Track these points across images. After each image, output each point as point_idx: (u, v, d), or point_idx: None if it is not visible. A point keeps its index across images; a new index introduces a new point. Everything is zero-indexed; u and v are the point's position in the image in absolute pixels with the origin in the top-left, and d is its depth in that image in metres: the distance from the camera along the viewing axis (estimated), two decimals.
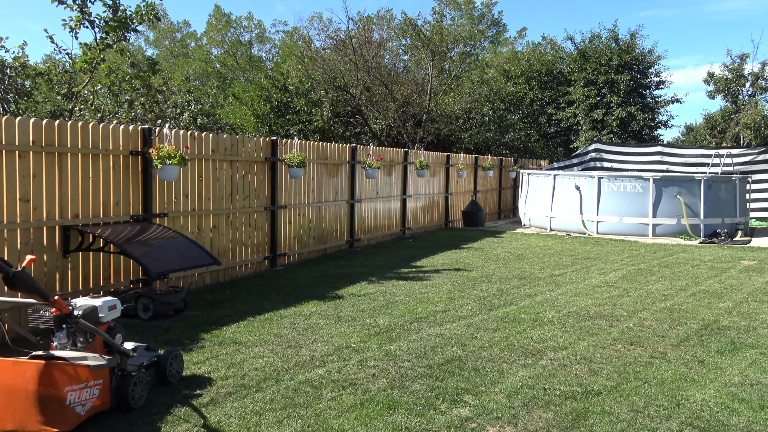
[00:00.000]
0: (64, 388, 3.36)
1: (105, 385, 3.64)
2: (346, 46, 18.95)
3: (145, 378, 3.90)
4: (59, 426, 3.33)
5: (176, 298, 6.00)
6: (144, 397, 3.83)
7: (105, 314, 3.83)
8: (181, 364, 4.28)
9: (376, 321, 5.81)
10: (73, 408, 3.41)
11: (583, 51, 22.62)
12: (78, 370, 3.46)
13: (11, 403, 3.33)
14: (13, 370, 3.35)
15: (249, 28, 38.50)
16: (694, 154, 17.86)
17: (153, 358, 4.11)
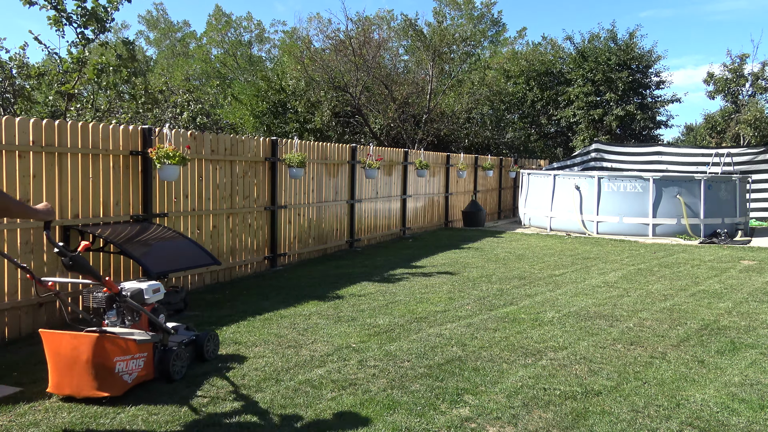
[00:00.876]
0: (113, 358, 3.86)
1: (149, 358, 4.13)
2: (346, 47, 18.95)
3: (185, 354, 4.37)
4: (109, 391, 3.84)
5: (176, 298, 5.99)
6: (184, 370, 4.32)
7: (150, 296, 4.36)
8: (217, 343, 4.76)
9: (376, 321, 5.81)
10: (121, 376, 3.92)
11: (583, 51, 22.63)
12: (126, 343, 3.95)
13: (69, 371, 3.86)
14: (72, 343, 3.85)
15: (249, 28, 38.51)
16: (694, 154, 17.86)
17: (192, 336, 4.59)
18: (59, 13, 8.43)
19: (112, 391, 3.86)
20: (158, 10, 40.66)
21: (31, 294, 5.42)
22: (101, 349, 3.83)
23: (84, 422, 3.54)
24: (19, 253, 5.31)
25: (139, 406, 3.78)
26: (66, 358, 3.87)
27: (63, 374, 3.88)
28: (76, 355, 3.85)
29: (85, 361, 3.83)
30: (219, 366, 4.52)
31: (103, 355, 3.83)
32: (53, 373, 3.90)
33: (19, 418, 3.60)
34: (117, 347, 3.90)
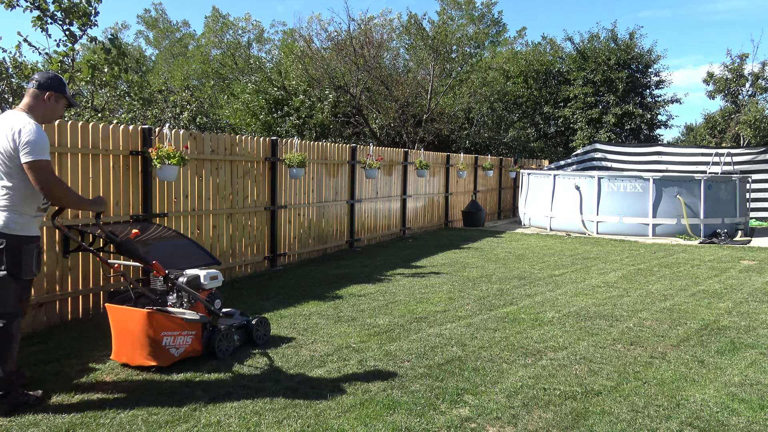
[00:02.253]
0: (160, 333, 4.35)
1: (197, 336, 4.59)
2: (347, 47, 18.95)
3: (232, 335, 4.81)
4: (157, 361, 4.34)
5: None
6: (230, 350, 4.74)
7: (207, 282, 4.79)
8: (267, 329, 5.15)
9: (376, 321, 5.81)
10: (167, 349, 4.40)
11: (582, 51, 22.64)
12: (174, 321, 4.42)
13: (125, 341, 4.43)
14: (128, 317, 4.40)
15: (247, 29, 38.49)
16: (694, 154, 17.85)
17: (243, 321, 5.00)
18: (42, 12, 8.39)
19: (159, 362, 4.36)
20: (157, 10, 40.62)
21: (32, 292, 5.42)
22: (150, 323, 4.33)
23: (84, 422, 3.54)
24: None
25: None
26: (124, 330, 4.44)
27: (120, 344, 4.48)
28: (130, 327, 4.40)
29: (137, 333, 4.37)
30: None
31: (151, 329, 4.33)
32: (114, 343, 4.51)
33: (18, 418, 3.60)
34: (165, 323, 4.38)
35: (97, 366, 4.48)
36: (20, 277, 3.66)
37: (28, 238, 3.68)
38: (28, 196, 3.66)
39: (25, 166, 3.57)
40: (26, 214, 3.68)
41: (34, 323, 5.48)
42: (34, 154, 3.57)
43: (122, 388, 4.06)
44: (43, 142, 3.62)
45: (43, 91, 3.82)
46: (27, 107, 3.80)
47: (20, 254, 3.64)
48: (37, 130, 3.63)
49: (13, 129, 3.61)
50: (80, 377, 4.24)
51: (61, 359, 4.64)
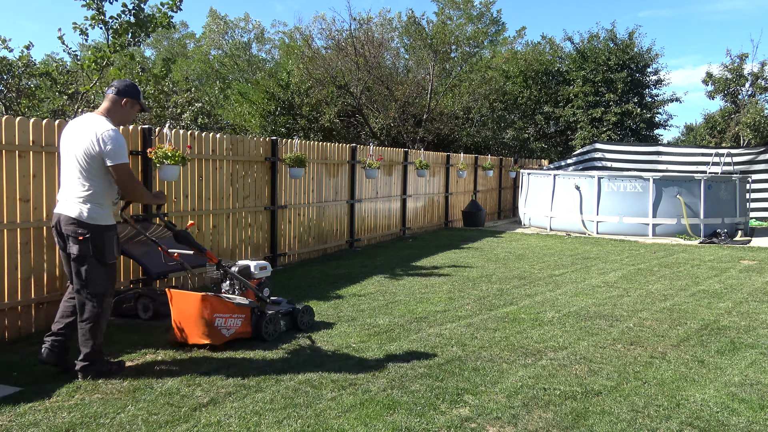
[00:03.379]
0: (212, 315, 4.83)
1: (246, 319, 5.06)
2: (348, 46, 18.94)
3: (278, 320, 5.26)
4: (210, 340, 4.84)
5: None
6: (276, 333, 5.19)
7: (257, 272, 5.34)
8: (312, 317, 5.62)
9: (376, 321, 5.81)
10: (219, 330, 4.88)
11: (582, 51, 22.62)
12: (225, 304, 4.92)
13: (184, 321, 4.91)
14: (186, 300, 4.90)
15: (246, 29, 38.47)
16: (694, 154, 17.85)
17: (290, 308, 5.46)
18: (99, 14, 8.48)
19: (212, 341, 4.85)
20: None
21: (31, 294, 5.43)
22: (204, 306, 4.81)
23: (84, 422, 3.54)
24: (18, 252, 5.31)
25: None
26: (181, 312, 4.92)
27: (179, 323, 4.95)
28: (187, 309, 4.88)
29: (193, 314, 4.86)
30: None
31: (205, 311, 4.81)
32: (174, 323, 4.98)
33: (19, 418, 3.60)
34: (217, 306, 4.87)
35: None
36: (105, 261, 4.15)
37: (108, 227, 4.18)
38: (106, 190, 4.15)
39: (110, 168, 4.08)
40: (105, 205, 4.18)
41: (35, 323, 5.48)
42: (117, 159, 4.07)
43: (121, 389, 4.06)
44: (123, 146, 4.11)
45: (121, 97, 4.26)
46: (106, 111, 4.24)
47: (103, 241, 4.13)
48: (117, 135, 4.10)
49: (96, 133, 4.05)
50: (80, 377, 4.23)
51: None
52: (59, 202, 4.19)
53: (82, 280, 4.12)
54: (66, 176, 4.17)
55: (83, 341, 4.16)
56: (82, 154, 4.06)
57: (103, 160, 4.05)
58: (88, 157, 4.05)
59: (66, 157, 4.18)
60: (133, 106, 4.33)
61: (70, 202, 4.11)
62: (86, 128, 4.10)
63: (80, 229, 4.06)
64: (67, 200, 4.14)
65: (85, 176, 4.08)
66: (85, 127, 4.11)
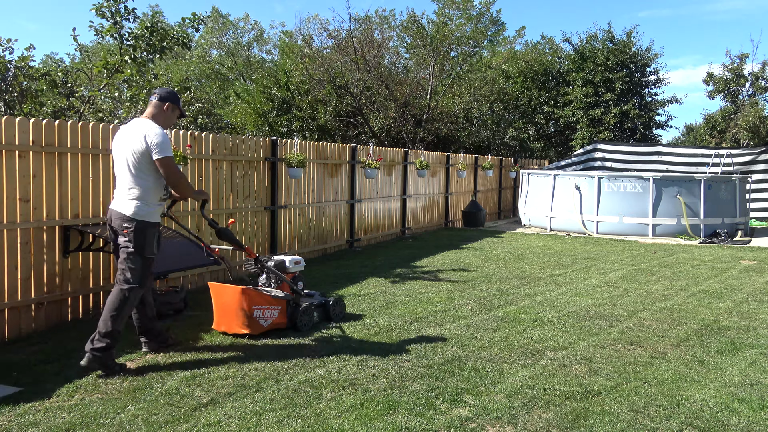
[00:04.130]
0: (251, 306, 5.14)
1: (282, 311, 5.39)
2: (347, 46, 18.94)
3: (312, 312, 5.54)
4: (249, 329, 5.16)
5: (176, 298, 6.00)
6: (310, 324, 5.49)
7: (291, 266, 5.72)
8: (342, 308, 5.90)
9: (376, 321, 5.81)
10: (257, 320, 5.19)
11: (581, 51, 22.60)
12: (263, 296, 5.24)
13: (225, 313, 5.25)
14: (226, 292, 5.21)
15: (246, 29, 38.45)
16: (694, 154, 17.85)
17: (322, 301, 5.76)
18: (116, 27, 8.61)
19: (251, 330, 5.17)
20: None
21: (31, 294, 5.43)
22: (243, 298, 5.11)
23: (84, 422, 3.54)
24: (18, 252, 5.31)
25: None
26: (222, 304, 5.25)
27: (220, 315, 5.30)
28: (228, 301, 5.20)
29: (233, 306, 5.17)
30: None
31: (244, 303, 5.11)
32: (216, 315, 5.34)
33: (19, 418, 3.60)
34: (256, 298, 5.18)
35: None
36: (144, 255, 4.45)
37: (152, 223, 4.51)
38: (153, 188, 4.49)
39: (156, 162, 4.40)
40: (152, 203, 4.50)
41: (35, 323, 5.48)
42: (163, 152, 4.40)
43: (121, 389, 4.06)
44: (168, 142, 4.45)
45: (164, 103, 4.65)
46: (151, 115, 4.63)
47: (145, 236, 4.45)
48: (162, 133, 4.46)
49: (144, 133, 4.42)
50: (80, 377, 4.24)
51: (61, 359, 4.65)
52: (113, 200, 4.59)
53: (123, 270, 4.45)
54: (119, 176, 4.56)
55: (102, 323, 4.36)
56: (132, 153, 4.43)
57: (150, 156, 4.40)
58: (138, 155, 4.41)
59: (118, 159, 4.56)
60: (173, 110, 4.71)
61: (122, 199, 4.50)
62: (135, 130, 4.49)
63: (126, 223, 4.43)
64: (119, 197, 4.52)
65: (135, 174, 4.45)
66: (134, 130, 4.50)
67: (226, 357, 4.71)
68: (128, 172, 4.47)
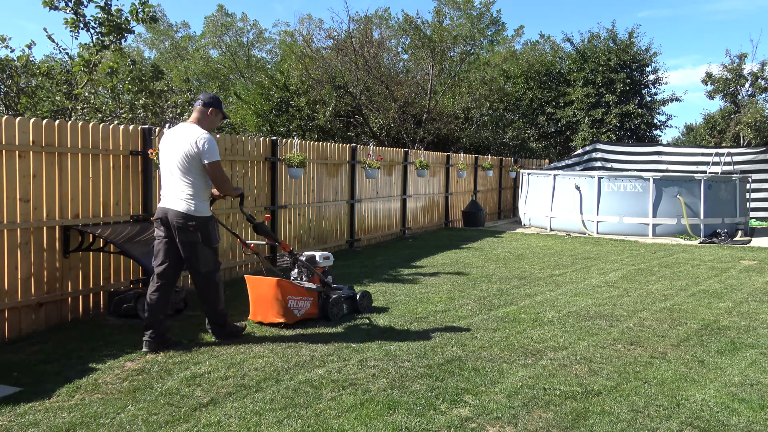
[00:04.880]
0: (286, 297, 5.52)
1: (314, 302, 5.74)
2: (347, 46, 18.93)
3: (341, 303, 5.91)
4: (284, 318, 5.52)
5: (176, 298, 6.00)
6: (339, 315, 5.86)
7: (321, 261, 6.12)
8: (369, 301, 6.26)
9: (376, 321, 5.80)
10: (292, 310, 5.56)
11: (582, 51, 22.59)
12: (296, 288, 5.61)
13: (261, 303, 5.61)
14: (262, 284, 5.57)
15: (245, 29, 38.45)
16: (694, 154, 17.85)
17: (351, 293, 6.11)
18: (78, 17, 8.52)
19: (286, 319, 5.52)
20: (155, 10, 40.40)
21: (31, 293, 5.43)
22: (278, 289, 5.48)
23: (84, 422, 3.54)
24: (18, 252, 5.31)
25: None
26: (258, 295, 5.61)
27: (256, 306, 5.66)
28: (263, 293, 5.56)
29: (268, 297, 5.53)
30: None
31: (279, 294, 5.49)
32: (252, 306, 5.70)
33: (19, 418, 3.60)
34: (290, 289, 5.55)
35: (98, 366, 4.48)
36: (211, 245, 4.97)
37: (209, 217, 4.98)
38: (203, 187, 4.93)
39: (206, 165, 4.83)
40: (204, 199, 4.95)
41: (34, 323, 5.48)
42: (212, 158, 4.84)
43: (121, 389, 4.06)
44: (216, 147, 4.88)
45: (207, 108, 5.02)
46: (196, 120, 5.00)
47: (207, 229, 4.94)
48: (211, 138, 4.86)
49: (195, 138, 4.82)
50: (80, 377, 4.24)
51: (61, 359, 4.65)
52: (164, 199, 4.94)
53: (195, 262, 4.92)
54: (168, 177, 4.93)
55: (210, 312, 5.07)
56: (183, 157, 4.81)
57: (201, 160, 4.82)
58: (189, 158, 4.81)
59: (166, 161, 4.93)
60: (216, 114, 5.08)
61: (176, 198, 4.86)
62: (184, 135, 4.87)
63: (189, 221, 4.84)
64: (172, 197, 4.88)
65: (186, 176, 4.84)
66: (183, 135, 4.88)
67: (226, 357, 4.71)
68: (179, 173, 4.85)
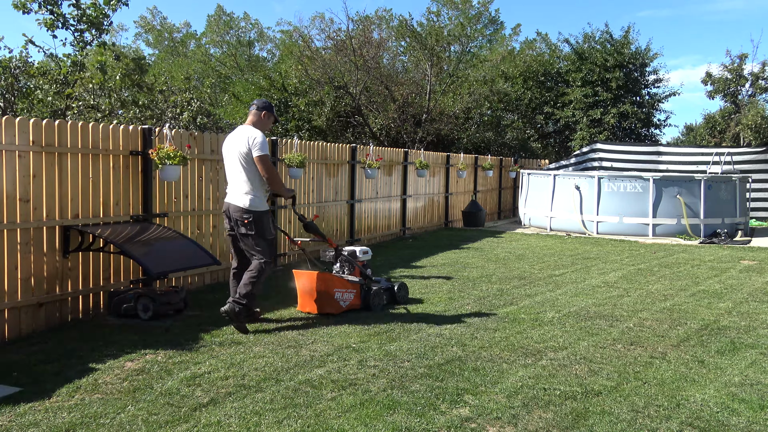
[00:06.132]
0: (332, 289, 5.94)
1: (357, 293, 6.15)
2: (346, 47, 18.93)
3: (381, 295, 6.28)
4: (330, 309, 5.94)
5: (176, 298, 6.00)
6: (380, 305, 6.25)
7: (360, 256, 6.54)
8: (406, 292, 6.65)
9: (376, 321, 5.80)
10: (338, 301, 5.97)
11: (579, 52, 22.56)
12: (341, 281, 6.05)
13: (309, 295, 5.99)
14: (309, 277, 5.96)
15: (246, 28, 38.42)
16: (694, 154, 17.85)
17: (388, 285, 6.49)
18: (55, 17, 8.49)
19: (332, 310, 5.93)
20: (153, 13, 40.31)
21: (31, 293, 5.43)
22: (325, 283, 5.91)
23: (84, 422, 3.54)
24: (18, 252, 5.31)
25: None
26: (306, 288, 6.00)
27: (304, 298, 6.05)
28: (311, 285, 5.93)
29: (316, 289, 5.90)
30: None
31: (326, 287, 5.91)
32: (300, 298, 6.12)
33: (19, 418, 3.60)
34: (335, 282, 5.97)
35: (98, 366, 4.48)
36: (265, 237, 5.45)
37: (265, 211, 5.49)
38: (260, 183, 5.44)
39: (255, 159, 5.34)
40: (261, 195, 5.47)
41: (34, 323, 5.48)
42: (261, 151, 5.35)
43: (121, 389, 4.06)
44: (265, 144, 5.39)
45: (261, 111, 5.64)
46: (251, 123, 5.62)
47: (262, 222, 5.43)
48: (262, 136, 5.42)
49: (248, 137, 5.41)
50: (80, 377, 4.24)
51: (61, 359, 4.65)
52: (228, 194, 5.52)
53: (253, 249, 5.43)
54: (231, 175, 5.51)
55: (243, 286, 5.35)
56: (240, 155, 5.39)
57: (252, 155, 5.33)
58: (245, 155, 5.38)
59: (229, 160, 5.52)
60: (269, 117, 5.68)
61: (237, 194, 5.42)
62: (242, 136, 5.45)
63: (245, 215, 5.36)
64: (234, 193, 5.45)
65: (245, 173, 5.39)
66: (241, 136, 5.46)
67: (226, 357, 4.71)
68: (239, 171, 5.40)
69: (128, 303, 5.83)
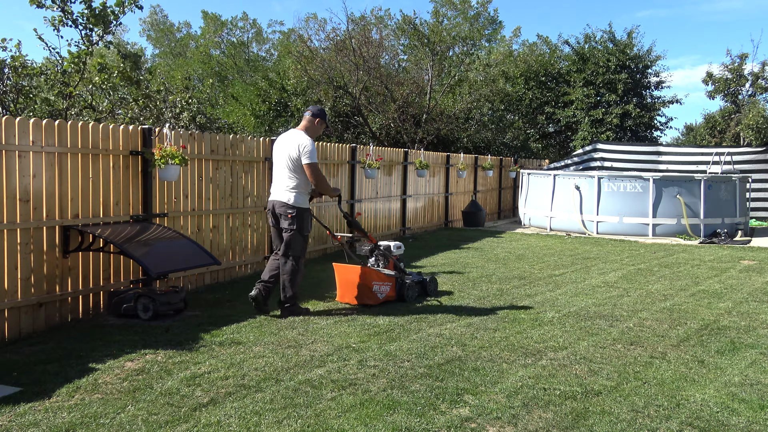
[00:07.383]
0: (371, 282, 6.30)
1: (392, 286, 6.52)
2: (346, 46, 18.93)
3: (414, 288, 6.67)
4: (368, 301, 6.32)
5: (176, 298, 6.00)
6: (413, 297, 6.62)
7: (395, 250, 7.05)
8: (436, 285, 7.02)
9: (376, 321, 5.80)
10: (375, 293, 6.33)
11: (581, 53, 22.55)
12: (378, 274, 6.42)
13: (348, 288, 6.42)
14: (349, 271, 6.40)
15: (245, 28, 38.41)
16: (694, 154, 17.86)
17: (420, 279, 6.87)
18: (65, 14, 8.50)
19: (370, 302, 6.30)
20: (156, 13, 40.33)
21: (31, 293, 5.43)
22: (364, 276, 6.29)
23: (84, 422, 3.54)
24: (18, 252, 5.31)
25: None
26: (346, 280, 6.43)
27: (344, 290, 6.49)
28: (351, 278, 6.36)
29: (356, 282, 6.32)
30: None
31: (365, 279, 6.28)
32: (339, 290, 6.56)
33: (19, 418, 3.60)
34: (373, 275, 6.33)
35: (97, 366, 4.48)
36: (303, 233, 5.88)
37: (306, 209, 5.92)
38: (304, 183, 5.86)
39: (305, 166, 5.77)
40: (304, 194, 5.89)
41: (34, 323, 5.48)
42: (309, 159, 5.77)
43: (121, 389, 4.06)
44: (314, 152, 5.80)
45: (314, 118, 6.01)
46: (304, 128, 5.99)
47: (302, 219, 5.86)
48: (311, 143, 5.80)
49: (298, 142, 5.81)
50: (80, 377, 4.24)
51: (61, 359, 4.65)
52: (273, 192, 5.96)
53: (288, 246, 5.81)
54: (278, 174, 5.94)
55: (283, 288, 5.84)
56: (290, 158, 5.81)
57: (301, 161, 5.74)
58: (294, 159, 5.80)
59: (278, 161, 5.94)
60: (321, 124, 6.04)
61: (282, 191, 5.85)
62: (292, 140, 5.86)
63: (289, 210, 5.79)
64: (279, 190, 5.88)
65: (291, 173, 5.82)
66: (291, 140, 5.87)
67: (226, 357, 4.71)
68: (286, 171, 5.82)
69: (128, 303, 5.83)
